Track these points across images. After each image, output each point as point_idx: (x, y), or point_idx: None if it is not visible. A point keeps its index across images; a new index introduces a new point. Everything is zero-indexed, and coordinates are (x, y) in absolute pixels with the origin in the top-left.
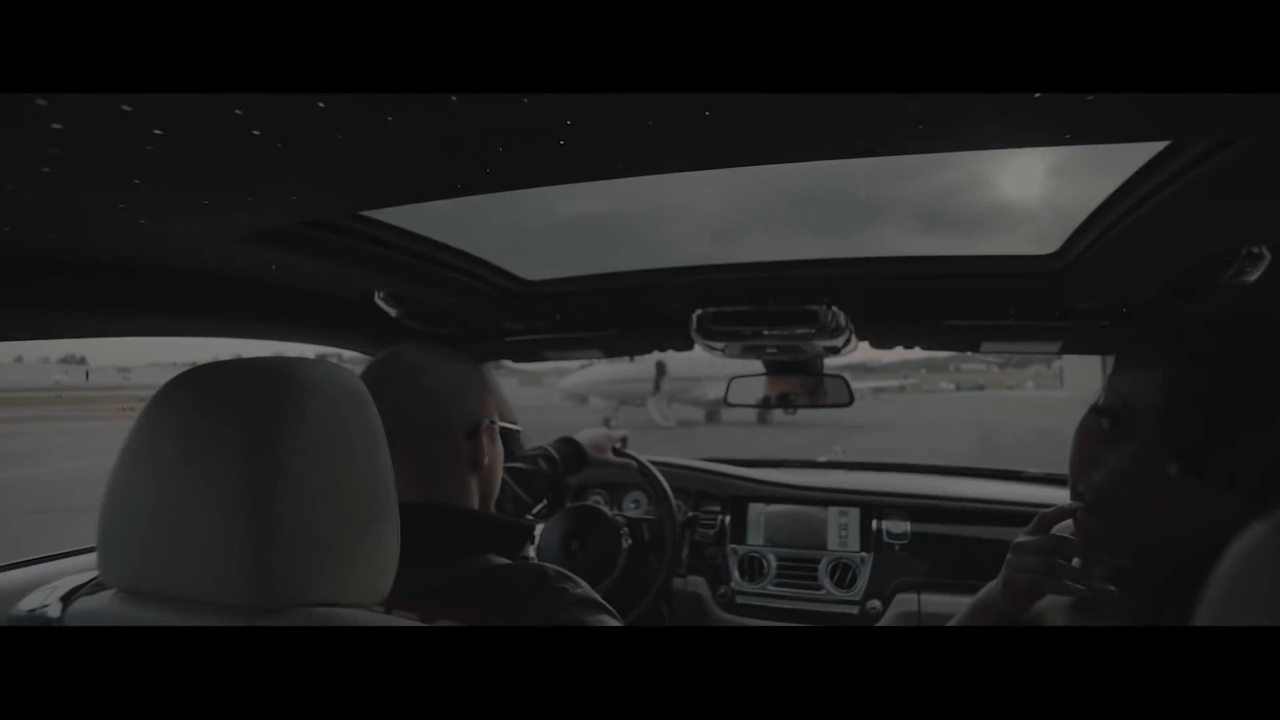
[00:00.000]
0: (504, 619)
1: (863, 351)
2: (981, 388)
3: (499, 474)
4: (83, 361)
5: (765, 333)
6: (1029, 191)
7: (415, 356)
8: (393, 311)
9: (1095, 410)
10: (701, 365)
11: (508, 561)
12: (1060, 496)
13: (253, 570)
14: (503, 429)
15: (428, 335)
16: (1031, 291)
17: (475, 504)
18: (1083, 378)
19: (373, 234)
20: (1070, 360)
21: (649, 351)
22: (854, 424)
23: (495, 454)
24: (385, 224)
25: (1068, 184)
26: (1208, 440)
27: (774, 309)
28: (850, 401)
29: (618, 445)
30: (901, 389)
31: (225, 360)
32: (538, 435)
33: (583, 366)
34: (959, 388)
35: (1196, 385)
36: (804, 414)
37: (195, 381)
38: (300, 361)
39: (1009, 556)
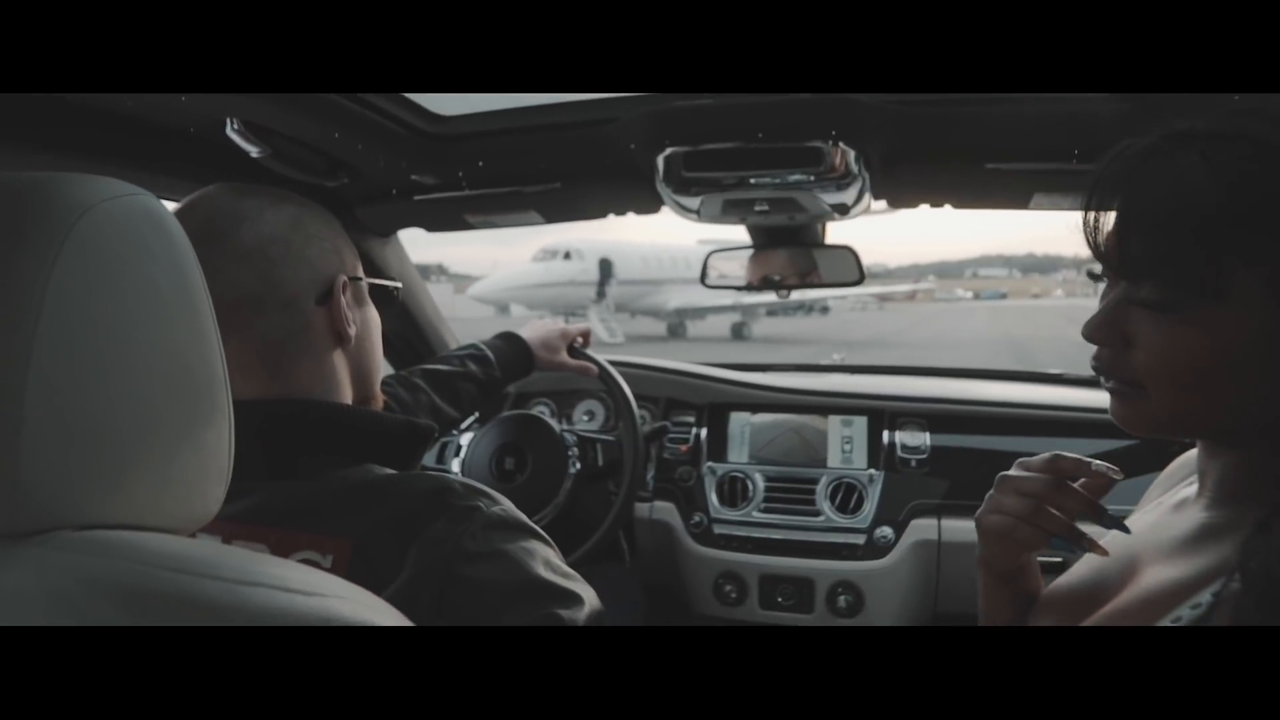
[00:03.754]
0: (394, 547)
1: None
2: (1003, 296)
3: (377, 347)
4: None
5: (753, 180)
6: None
7: (226, 202)
8: (253, 150)
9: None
10: (662, 265)
11: (394, 473)
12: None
13: None
14: (375, 286)
15: (308, 188)
16: (1102, 121)
17: (346, 393)
18: None
19: None
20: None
21: (603, 214)
22: (857, 340)
23: (366, 320)
24: None
25: None
26: (1146, 244)
27: (765, 146)
28: (860, 279)
29: (577, 343)
30: (912, 297)
31: None
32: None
33: (539, 259)
34: (977, 295)
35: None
36: (793, 329)
37: None
38: (67, 176)
39: (990, 492)
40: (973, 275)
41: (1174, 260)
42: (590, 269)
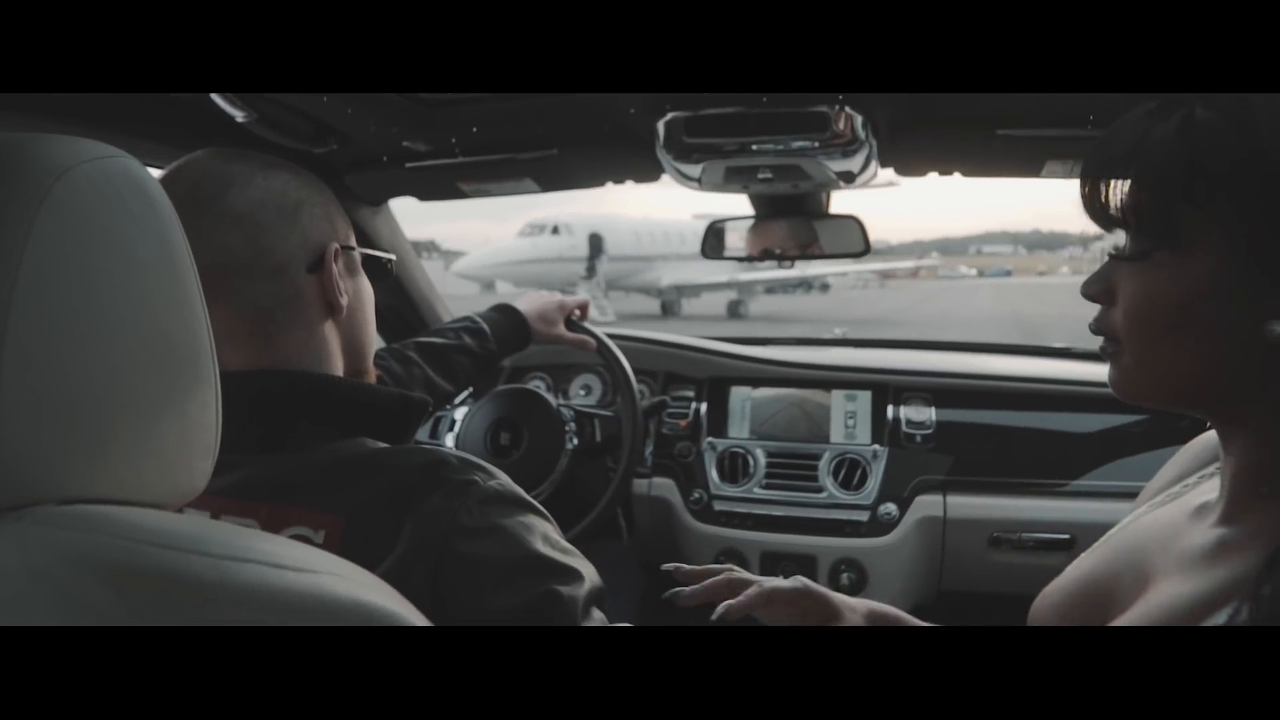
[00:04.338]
0: (388, 522)
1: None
2: (1008, 273)
3: (370, 318)
4: None
5: (756, 146)
6: None
7: (214, 166)
8: (239, 114)
9: None
10: (655, 240)
11: (387, 447)
12: None
13: None
14: (368, 257)
15: (295, 154)
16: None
17: (338, 365)
18: None
19: None
20: (1111, 239)
21: (600, 182)
22: (859, 318)
23: (358, 291)
24: None
25: None
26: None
27: (769, 111)
28: (865, 249)
29: (575, 315)
30: (915, 273)
31: None
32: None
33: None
34: (981, 273)
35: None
36: (792, 307)
37: None
38: (44, 137)
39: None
40: (977, 252)
41: (1137, 207)
42: (580, 244)
